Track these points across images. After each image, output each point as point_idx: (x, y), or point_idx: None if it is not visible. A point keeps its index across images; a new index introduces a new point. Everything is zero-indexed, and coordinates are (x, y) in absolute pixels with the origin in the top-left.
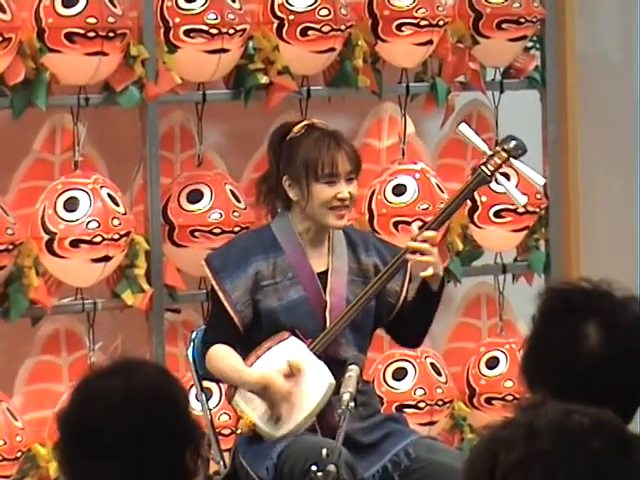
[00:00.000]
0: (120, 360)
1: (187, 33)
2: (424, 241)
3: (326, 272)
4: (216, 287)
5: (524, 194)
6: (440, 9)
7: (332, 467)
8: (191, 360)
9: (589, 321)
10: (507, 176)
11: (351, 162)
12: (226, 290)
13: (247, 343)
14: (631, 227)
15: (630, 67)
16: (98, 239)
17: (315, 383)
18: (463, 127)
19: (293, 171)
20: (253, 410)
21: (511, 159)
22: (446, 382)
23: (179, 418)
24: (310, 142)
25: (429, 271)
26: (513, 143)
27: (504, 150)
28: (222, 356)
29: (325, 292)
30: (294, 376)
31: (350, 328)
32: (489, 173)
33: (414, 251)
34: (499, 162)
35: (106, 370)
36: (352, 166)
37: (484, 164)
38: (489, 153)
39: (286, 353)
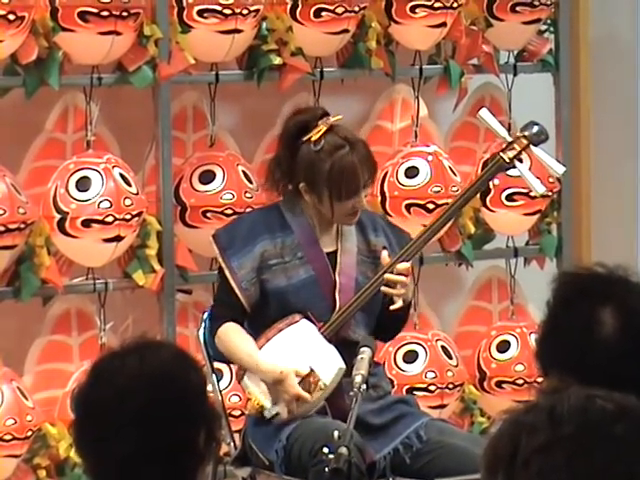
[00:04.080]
0: (136, 341)
1: (200, 13)
2: (399, 273)
3: (335, 252)
4: (223, 264)
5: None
6: None
7: (344, 449)
8: (202, 341)
9: (605, 307)
10: (520, 160)
11: (369, 172)
12: (232, 267)
13: (256, 322)
14: None
15: None
16: (110, 219)
17: (325, 367)
18: (484, 112)
19: (313, 186)
20: (262, 392)
21: (531, 146)
22: (457, 365)
23: (190, 400)
24: (333, 161)
25: (399, 304)
26: (535, 129)
27: (525, 137)
28: (234, 336)
29: (334, 272)
30: (310, 389)
31: (360, 308)
32: (508, 160)
33: (389, 283)
34: (519, 149)
35: (120, 351)
36: (369, 174)
37: (503, 151)
38: (509, 139)
39: (297, 337)
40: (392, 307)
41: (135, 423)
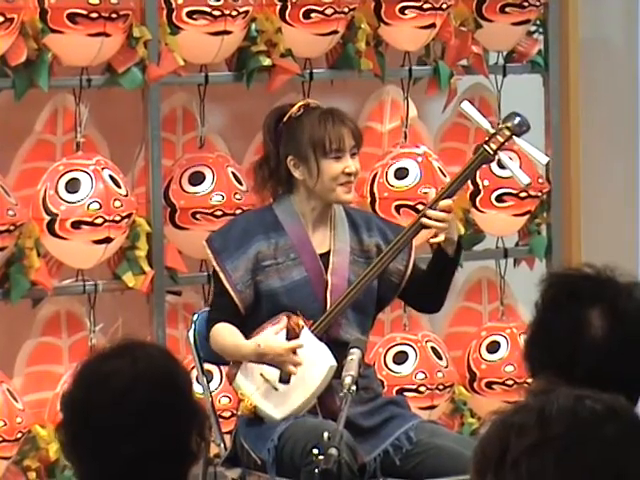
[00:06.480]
0: (123, 342)
1: (190, 14)
2: (442, 210)
3: (328, 253)
4: (217, 268)
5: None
6: None
7: (333, 450)
8: (192, 342)
9: (593, 308)
10: (510, 158)
11: (354, 137)
12: (227, 271)
13: (249, 325)
14: (633, 212)
15: (632, 52)
16: (99, 220)
17: (316, 365)
18: (465, 105)
19: (299, 150)
20: (254, 392)
21: (514, 137)
22: (447, 366)
23: (184, 400)
24: (314, 120)
25: (440, 237)
26: (517, 120)
27: (507, 128)
28: (224, 333)
29: (327, 273)
30: (296, 332)
31: (352, 308)
32: (492, 152)
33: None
34: (502, 140)
35: (110, 352)
36: (355, 141)
37: (487, 142)
38: (492, 131)
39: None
40: (434, 240)
41: (135, 425)
